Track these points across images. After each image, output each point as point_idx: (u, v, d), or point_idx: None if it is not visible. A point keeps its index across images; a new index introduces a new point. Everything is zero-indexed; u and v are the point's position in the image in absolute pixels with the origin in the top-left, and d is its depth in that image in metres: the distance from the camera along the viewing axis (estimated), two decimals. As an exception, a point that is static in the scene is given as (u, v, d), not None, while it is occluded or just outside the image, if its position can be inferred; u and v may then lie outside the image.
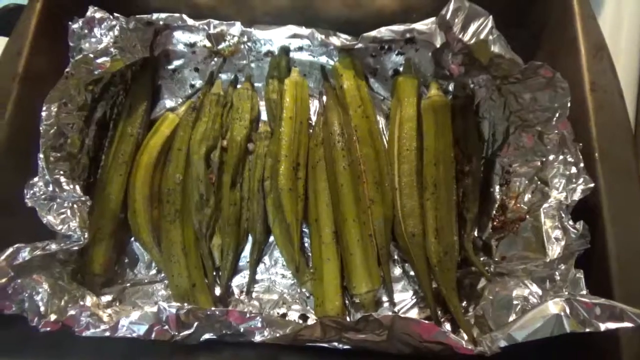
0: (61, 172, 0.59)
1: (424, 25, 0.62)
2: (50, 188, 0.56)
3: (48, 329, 0.50)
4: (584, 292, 0.46)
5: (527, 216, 0.55)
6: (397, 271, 0.63)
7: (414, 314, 0.60)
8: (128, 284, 0.65)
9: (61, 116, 0.60)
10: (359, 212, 0.59)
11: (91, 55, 0.60)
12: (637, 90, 0.70)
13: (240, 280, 0.65)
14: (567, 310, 0.42)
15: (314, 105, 0.72)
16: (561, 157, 0.54)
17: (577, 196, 0.50)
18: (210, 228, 0.65)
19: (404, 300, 0.61)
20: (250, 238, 0.66)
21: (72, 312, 0.52)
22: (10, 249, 0.52)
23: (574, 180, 0.52)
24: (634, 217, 0.50)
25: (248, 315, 0.51)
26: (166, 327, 0.52)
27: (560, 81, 0.54)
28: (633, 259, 0.48)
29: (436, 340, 0.47)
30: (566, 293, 0.45)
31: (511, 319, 0.49)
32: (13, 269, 0.52)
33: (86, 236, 0.56)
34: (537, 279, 0.51)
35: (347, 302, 0.61)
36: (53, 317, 0.51)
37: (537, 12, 0.65)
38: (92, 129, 0.67)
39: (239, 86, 0.73)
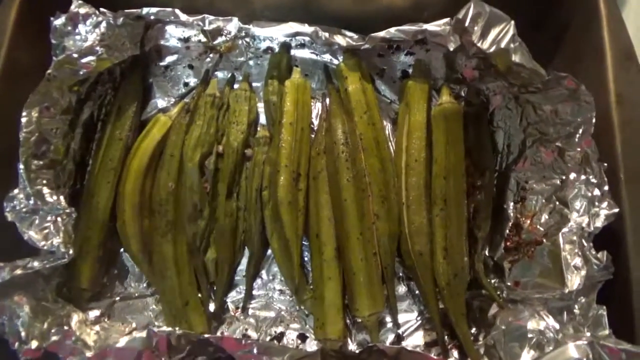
0: (44, 182, 0.55)
1: (437, 26, 0.57)
2: (32, 201, 0.52)
3: (29, 357, 0.47)
4: (607, 332, 0.42)
5: (544, 240, 0.51)
6: (401, 289, 0.60)
7: (419, 336, 0.57)
8: (117, 298, 0.61)
9: (43, 121, 0.55)
10: (363, 229, 0.56)
11: (75, 55, 0.56)
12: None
13: (235, 295, 0.61)
14: (590, 356, 0.38)
15: (316, 108, 0.67)
16: (583, 176, 0.50)
17: (600, 222, 0.47)
18: (204, 241, 0.61)
19: (409, 321, 0.58)
20: (246, 251, 0.62)
21: (55, 338, 0.49)
22: (-12, 269, 0.48)
23: (596, 203, 0.48)
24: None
25: (243, 342, 0.48)
26: (156, 352, 0.49)
27: (585, 94, 0.50)
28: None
29: (445, 377, 0.44)
30: (588, 334, 0.42)
31: (525, 352, 0.46)
32: (-9, 289, 0.49)
33: (71, 252, 0.53)
34: (553, 311, 0.47)
35: (348, 321, 0.58)
36: (35, 343, 0.48)
37: (559, 13, 0.60)
38: (78, 132, 0.62)
39: (236, 86, 0.68)
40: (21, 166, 0.52)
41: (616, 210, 0.47)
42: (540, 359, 0.40)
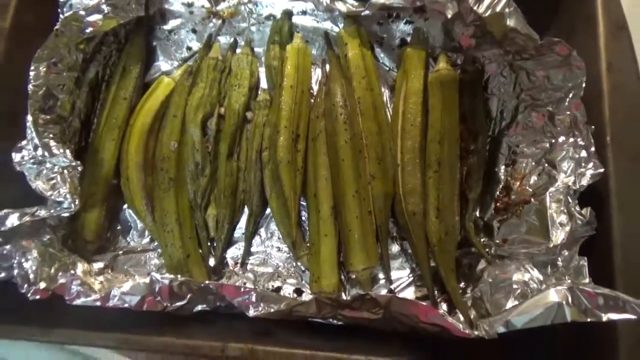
0: (51, 136, 0.56)
1: (436, -7, 0.59)
2: (40, 152, 0.54)
3: (37, 297, 0.49)
4: (587, 280, 0.45)
5: (532, 199, 0.53)
6: (395, 248, 0.62)
7: (410, 292, 0.60)
8: (120, 252, 0.63)
9: (50, 76, 0.57)
10: (358, 188, 0.58)
11: (82, 12, 0.57)
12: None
13: (235, 252, 0.63)
14: (569, 299, 0.41)
15: (316, 74, 0.69)
16: (571, 139, 0.52)
17: (585, 181, 0.49)
18: (205, 198, 0.63)
19: (400, 278, 0.60)
20: (246, 210, 0.64)
21: (62, 281, 0.51)
22: (-3, 215, 0.50)
23: (583, 164, 0.50)
24: (642, 206, 0.49)
25: (242, 289, 0.50)
26: (158, 298, 0.51)
27: (577, 60, 0.51)
28: (638, 248, 0.47)
29: (433, 322, 0.46)
30: (569, 281, 0.44)
31: (510, 302, 0.49)
32: (1, 234, 0.51)
33: (77, 203, 0.55)
34: (538, 264, 0.50)
35: (343, 277, 0.60)
36: (43, 285, 0.50)
37: (555, -17, 0.61)
38: (84, 90, 0.63)
39: (238, 50, 0.70)
40: (29, 118, 0.54)
41: (601, 170, 0.49)
42: (522, 302, 0.42)
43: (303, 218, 0.63)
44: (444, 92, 0.61)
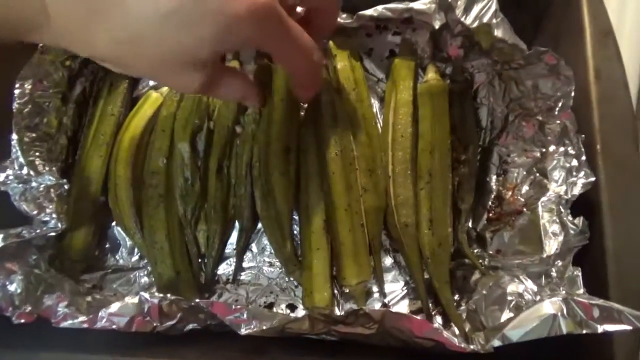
0: (37, 154, 0.56)
1: (423, 4, 0.59)
2: (25, 171, 0.53)
3: (22, 320, 0.48)
4: (582, 291, 0.44)
5: (524, 209, 0.53)
6: (388, 261, 0.62)
7: (404, 305, 0.59)
8: (109, 270, 0.62)
9: (36, 94, 0.56)
10: (350, 201, 0.57)
11: (67, 29, 0.56)
12: (639, 78, 0.68)
13: (226, 268, 0.63)
14: (564, 311, 0.40)
15: (306, 87, 0.68)
16: (562, 148, 0.52)
17: (577, 190, 0.49)
18: (195, 214, 0.62)
19: (394, 291, 0.60)
20: (237, 225, 0.64)
21: (48, 303, 0.50)
22: (-20, 237, 0.49)
23: (574, 173, 0.50)
24: (633, 214, 0.49)
25: (233, 307, 0.49)
26: (148, 318, 0.50)
27: (565, 69, 0.51)
28: (631, 257, 0.47)
29: (428, 337, 0.45)
30: (563, 292, 0.44)
31: (504, 314, 0.48)
32: (-16, 257, 0.50)
33: (64, 222, 0.54)
34: (532, 275, 0.49)
35: (336, 292, 0.60)
36: (28, 308, 0.49)
37: (541, -8, 0.62)
38: (70, 107, 0.63)
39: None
40: (14, 136, 0.53)
41: (592, 179, 0.49)
42: (517, 315, 0.42)
43: (295, 232, 0.63)
44: (434, 102, 0.61)
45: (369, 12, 0.61)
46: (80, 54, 0.39)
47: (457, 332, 0.49)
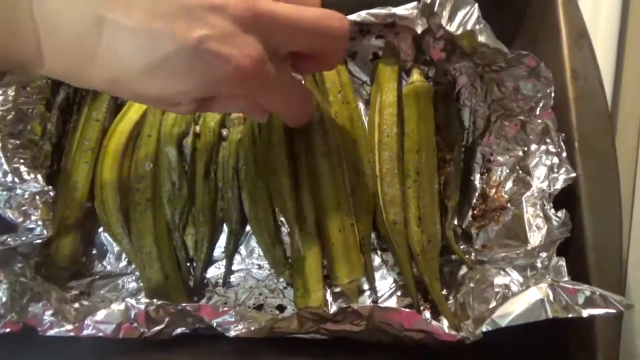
0: (21, 161, 0.55)
1: (405, 10, 0.60)
2: (9, 178, 0.52)
3: (8, 330, 0.47)
4: (566, 278, 0.46)
5: (509, 204, 0.55)
6: (375, 260, 0.62)
7: (393, 302, 0.60)
8: (97, 277, 0.61)
9: (19, 100, 0.56)
10: (340, 201, 0.58)
11: (51, 34, 0.56)
12: (614, 78, 0.70)
13: (215, 271, 0.62)
14: (551, 296, 0.41)
15: (291, 90, 0.69)
16: (543, 147, 0.54)
17: (559, 185, 0.50)
18: (183, 218, 0.62)
19: (382, 288, 0.61)
20: (225, 228, 0.64)
21: (34, 312, 0.49)
22: (-35, 245, 0.48)
23: (555, 169, 0.52)
24: (611, 206, 0.51)
25: (220, 309, 0.49)
26: (135, 324, 0.49)
27: (545, 71, 0.53)
28: (609, 247, 0.49)
29: (417, 329, 0.46)
30: (549, 279, 0.45)
31: (492, 306, 0.49)
32: (-31, 265, 0.49)
33: (50, 229, 0.53)
34: (518, 267, 0.51)
35: (327, 291, 0.60)
36: (14, 317, 0.48)
37: (518, -4, 0.64)
38: (54, 113, 0.62)
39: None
40: (-2, 143, 0.52)
41: (573, 174, 0.50)
42: (505, 302, 0.43)
43: (284, 233, 0.63)
44: (419, 103, 0.62)
45: (353, 17, 0.62)
46: (75, 86, 0.41)
47: (446, 323, 0.50)
